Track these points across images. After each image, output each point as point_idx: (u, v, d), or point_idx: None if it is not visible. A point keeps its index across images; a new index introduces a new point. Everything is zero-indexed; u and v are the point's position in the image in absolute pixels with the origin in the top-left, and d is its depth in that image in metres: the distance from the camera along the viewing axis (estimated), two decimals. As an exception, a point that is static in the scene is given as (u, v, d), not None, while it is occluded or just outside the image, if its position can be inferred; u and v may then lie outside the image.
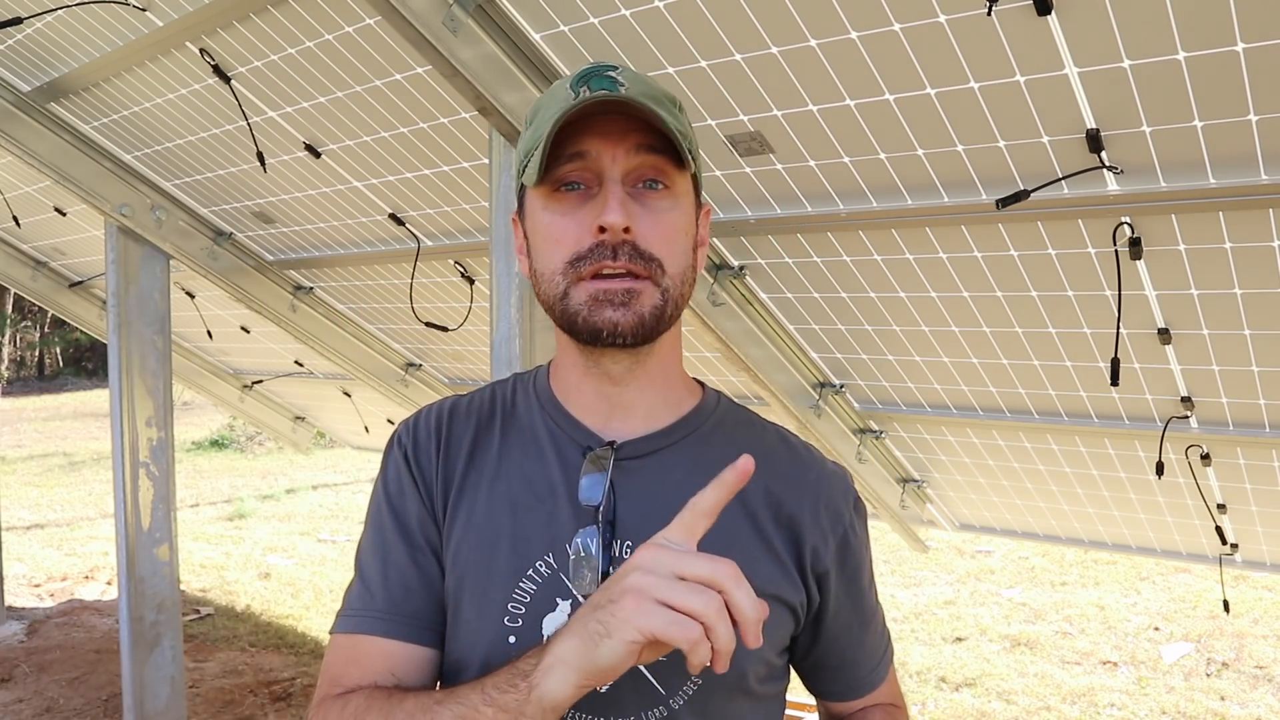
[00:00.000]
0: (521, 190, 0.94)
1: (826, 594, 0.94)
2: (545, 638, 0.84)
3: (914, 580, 6.60)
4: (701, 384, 1.01)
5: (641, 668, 0.85)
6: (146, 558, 3.41)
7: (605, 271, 0.84)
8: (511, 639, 0.86)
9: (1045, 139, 1.63)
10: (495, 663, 0.81)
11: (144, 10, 2.27)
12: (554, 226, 0.87)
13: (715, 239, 2.25)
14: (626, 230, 0.84)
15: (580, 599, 0.85)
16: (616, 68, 0.87)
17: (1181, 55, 1.39)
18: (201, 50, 2.33)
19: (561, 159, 0.86)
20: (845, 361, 2.57)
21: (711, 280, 2.32)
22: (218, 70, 2.37)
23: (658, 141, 0.86)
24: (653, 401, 0.93)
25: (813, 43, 1.61)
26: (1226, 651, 5.17)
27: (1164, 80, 1.44)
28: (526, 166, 0.88)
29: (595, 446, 0.91)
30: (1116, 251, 1.82)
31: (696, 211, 0.93)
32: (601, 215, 0.84)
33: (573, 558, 0.86)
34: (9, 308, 22.90)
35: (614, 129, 0.86)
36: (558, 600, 0.86)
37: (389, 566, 0.91)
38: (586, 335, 0.86)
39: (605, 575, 0.85)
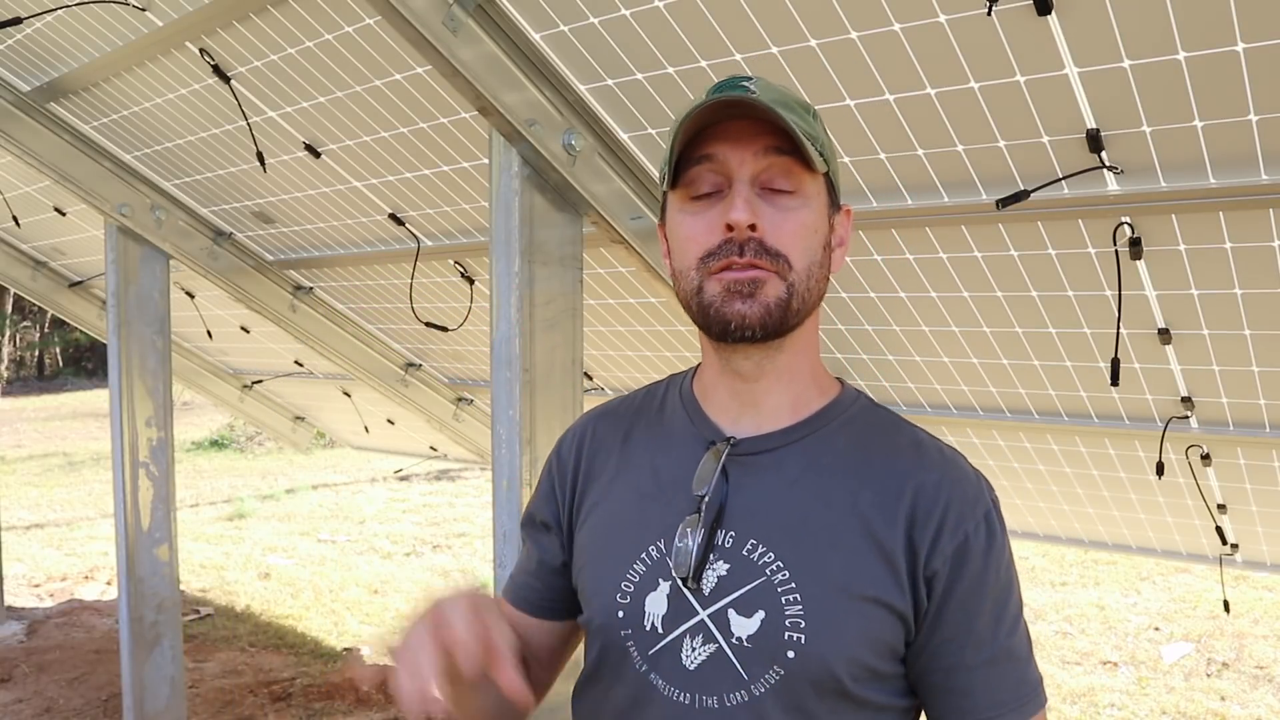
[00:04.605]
0: (664, 198, 0.99)
1: (932, 599, 0.90)
2: (646, 613, 0.94)
3: (914, 580, 6.59)
4: (843, 383, 1.03)
5: (726, 649, 0.90)
6: (146, 558, 3.41)
7: (733, 266, 0.89)
8: (620, 614, 0.95)
9: (1045, 139, 1.63)
10: (608, 632, 0.96)
11: (144, 10, 2.27)
12: (687, 226, 0.92)
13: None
14: (753, 228, 0.88)
15: (678, 581, 0.92)
16: (752, 78, 0.91)
17: (1181, 55, 1.39)
18: (201, 50, 2.33)
19: (692, 161, 0.91)
20: (845, 362, 2.57)
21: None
22: (218, 70, 2.37)
23: (786, 144, 0.89)
24: (779, 400, 0.97)
25: (813, 43, 1.61)
26: (1227, 652, 5.16)
27: (1164, 80, 1.44)
28: (667, 175, 0.94)
29: (719, 441, 0.96)
30: (1116, 251, 1.81)
31: (832, 213, 0.96)
32: (728, 214, 0.88)
33: (677, 544, 0.93)
34: (9, 308, 22.88)
35: (744, 133, 0.89)
36: (659, 580, 0.94)
37: (524, 558, 1.12)
38: (718, 328, 0.91)
39: (703, 561, 0.91)
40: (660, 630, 0.93)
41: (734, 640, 0.90)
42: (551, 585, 1.08)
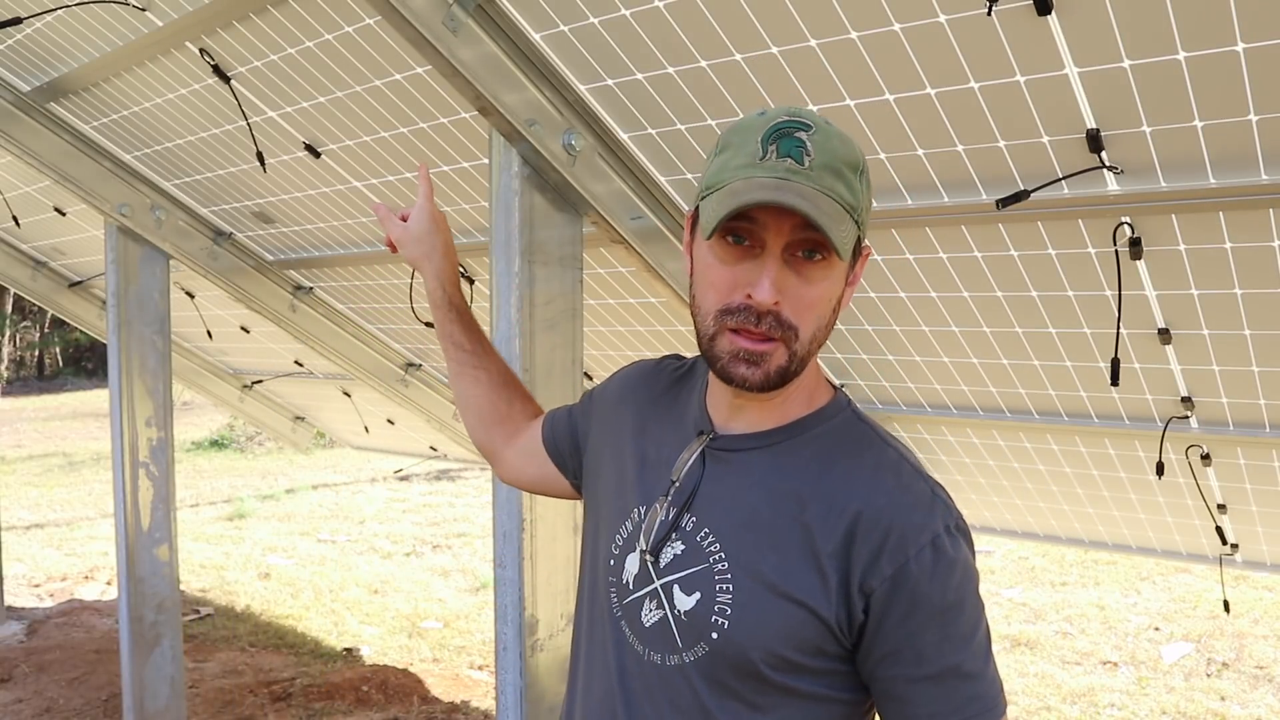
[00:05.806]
0: (695, 210, 1.02)
1: (870, 615, 0.95)
2: (625, 569, 1.07)
3: (914, 580, 6.58)
4: (836, 393, 1.08)
5: (670, 618, 1.01)
6: (146, 558, 3.41)
7: (748, 334, 0.95)
8: (611, 562, 1.10)
9: (1045, 139, 1.63)
10: (601, 576, 1.10)
11: (144, 10, 2.27)
12: (714, 273, 0.97)
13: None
14: (775, 303, 0.94)
15: (644, 548, 1.05)
16: (809, 126, 0.93)
17: (1181, 55, 1.39)
18: (201, 50, 2.33)
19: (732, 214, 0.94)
20: (845, 361, 2.57)
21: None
22: (218, 70, 2.37)
23: (823, 220, 0.91)
24: (765, 410, 1.04)
25: (813, 43, 1.61)
26: (1226, 652, 5.17)
27: (1164, 80, 1.44)
28: (705, 197, 0.97)
29: (705, 433, 1.07)
30: (1116, 251, 1.81)
31: (852, 264, 1.00)
32: (754, 287, 0.93)
33: (660, 517, 1.05)
34: (9, 308, 22.87)
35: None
36: (635, 544, 1.07)
37: (568, 411, 1.32)
38: (721, 379, 1.00)
39: (664, 539, 1.03)
40: (631, 587, 1.06)
41: (676, 611, 1.01)
42: (566, 434, 1.28)
